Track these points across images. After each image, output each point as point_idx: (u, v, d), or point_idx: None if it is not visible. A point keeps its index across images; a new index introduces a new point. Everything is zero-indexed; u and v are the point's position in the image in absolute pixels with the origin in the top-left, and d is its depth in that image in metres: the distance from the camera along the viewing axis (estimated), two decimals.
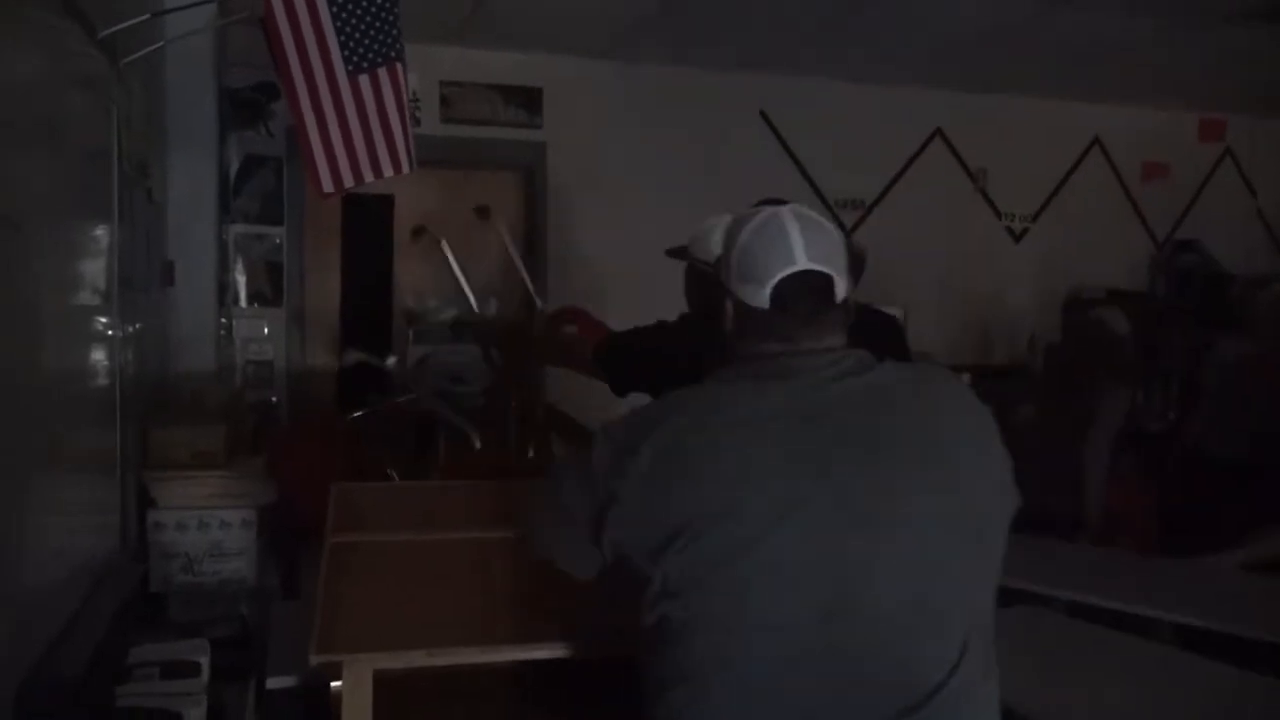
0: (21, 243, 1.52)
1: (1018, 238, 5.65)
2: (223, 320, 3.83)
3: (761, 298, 1.34)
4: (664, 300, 2.52)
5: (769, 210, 1.39)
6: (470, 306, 3.66)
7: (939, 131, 5.40)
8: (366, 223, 4.66)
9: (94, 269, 2.06)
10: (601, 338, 2.61)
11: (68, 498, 1.87)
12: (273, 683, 1.96)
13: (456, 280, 3.70)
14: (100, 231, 2.12)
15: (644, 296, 2.55)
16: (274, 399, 4.40)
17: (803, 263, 1.33)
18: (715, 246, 2.39)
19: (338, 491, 2.39)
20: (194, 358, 3.36)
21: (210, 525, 2.41)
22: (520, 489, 2.56)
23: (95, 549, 2.06)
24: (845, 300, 1.38)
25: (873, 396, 1.32)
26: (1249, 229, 6.00)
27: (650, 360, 2.37)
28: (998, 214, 5.59)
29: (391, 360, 3.39)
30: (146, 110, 2.72)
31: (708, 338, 2.30)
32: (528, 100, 4.75)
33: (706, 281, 2.42)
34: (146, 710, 1.66)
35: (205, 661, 1.84)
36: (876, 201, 5.30)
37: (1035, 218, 5.66)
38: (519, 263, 3.76)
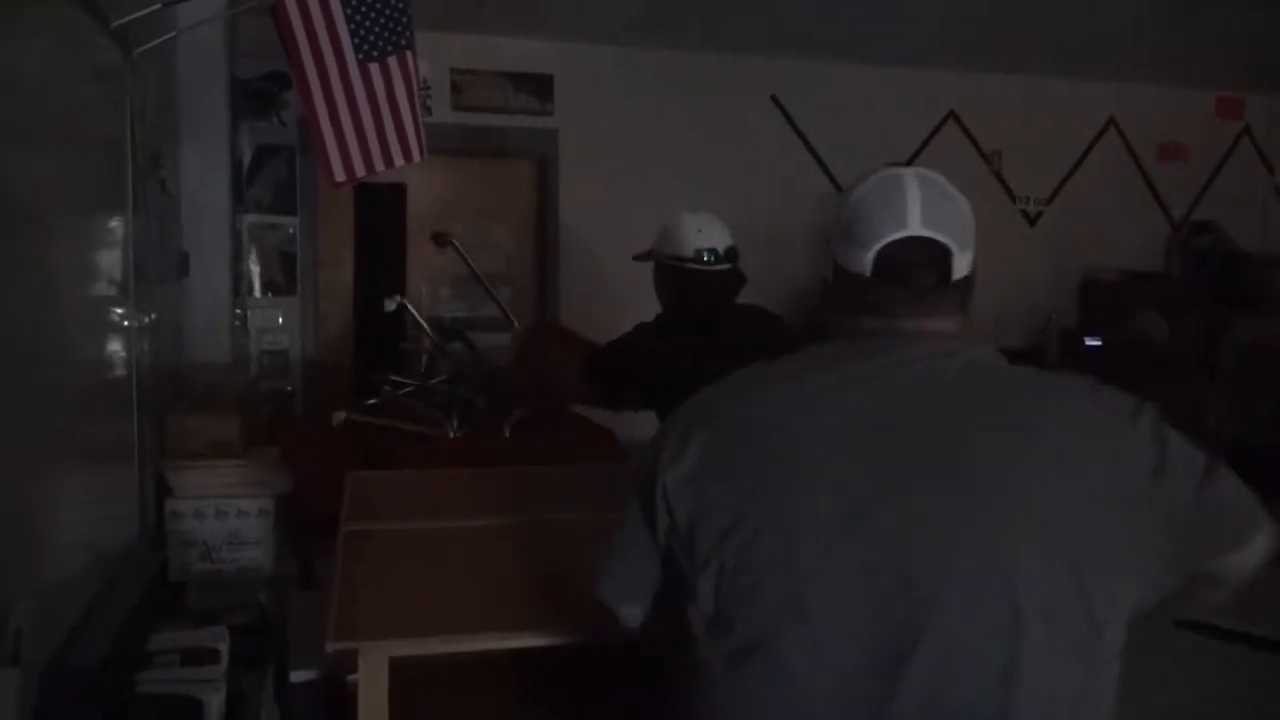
0: (37, 235, 1.53)
1: (1032, 221, 5.61)
2: (237, 310, 3.85)
3: (863, 263, 1.16)
4: None
5: (890, 169, 1.22)
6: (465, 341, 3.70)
7: (953, 114, 5.35)
8: (379, 211, 4.66)
9: (109, 261, 2.07)
10: (586, 353, 2.57)
11: (87, 488, 1.89)
12: (295, 676, 1.98)
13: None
14: (115, 223, 2.13)
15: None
16: (289, 388, 4.42)
17: (915, 228, 1.15)
18: (684, 241, 2.40)
19: (353, 481, 2.41)
20: (209, 348, 3.38)
21: (228, 514, 2.44)
22: (530, 475, 2.58)
23: (114, 538, 2.08)
24: (966, 280, 1.18)
25: (978, 404, 1.10)
26: (1268, 207, 5.94)
27: (646, 365, 2.35)
28: (1012, 197, 5.55)
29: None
30: (159, 101, 2.73)
31: (695, 334, 2.30)
32: (539, 87, 4.73)
33: (678, 275, 2.42)
34: (167, 697, 1.68)
35: (224, 649, 1.86)
36: None
37: (1050, 200, 5.61)
38: (484, 282, 3.71)
